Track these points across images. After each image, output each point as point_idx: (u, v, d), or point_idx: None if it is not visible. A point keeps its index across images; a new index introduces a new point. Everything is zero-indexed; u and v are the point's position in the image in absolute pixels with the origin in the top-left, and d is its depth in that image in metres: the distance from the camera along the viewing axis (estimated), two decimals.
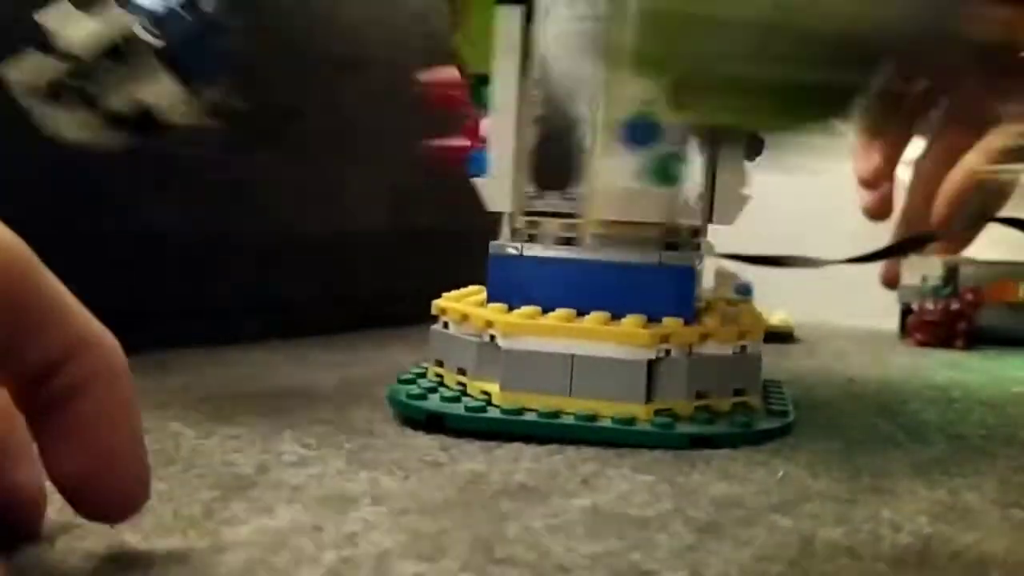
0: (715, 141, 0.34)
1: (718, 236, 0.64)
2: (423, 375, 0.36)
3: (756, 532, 0.21)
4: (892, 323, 0.63)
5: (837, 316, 0.68)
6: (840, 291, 0.69)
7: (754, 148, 0.34)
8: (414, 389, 0.33)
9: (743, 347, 0.33)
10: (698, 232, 0.36)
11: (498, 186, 0.34)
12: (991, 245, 0.63)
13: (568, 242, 0.34)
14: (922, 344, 0.59)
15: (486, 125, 0.35)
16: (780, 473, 0.26)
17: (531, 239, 0.34)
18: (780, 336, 0.59)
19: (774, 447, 0.29)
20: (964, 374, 0.46)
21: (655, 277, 0.32)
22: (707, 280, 0.38)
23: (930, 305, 0.60)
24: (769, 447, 0.29)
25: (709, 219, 0.35)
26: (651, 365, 0.31)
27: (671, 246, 0.34)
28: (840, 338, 0.60)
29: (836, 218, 0.77)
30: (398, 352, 0.47)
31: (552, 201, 0.35)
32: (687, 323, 0.32)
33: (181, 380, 0.39)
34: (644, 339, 0.30)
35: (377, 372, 0.41)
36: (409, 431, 0.31)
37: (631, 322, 0.31)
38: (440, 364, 0.35)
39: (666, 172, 0.33)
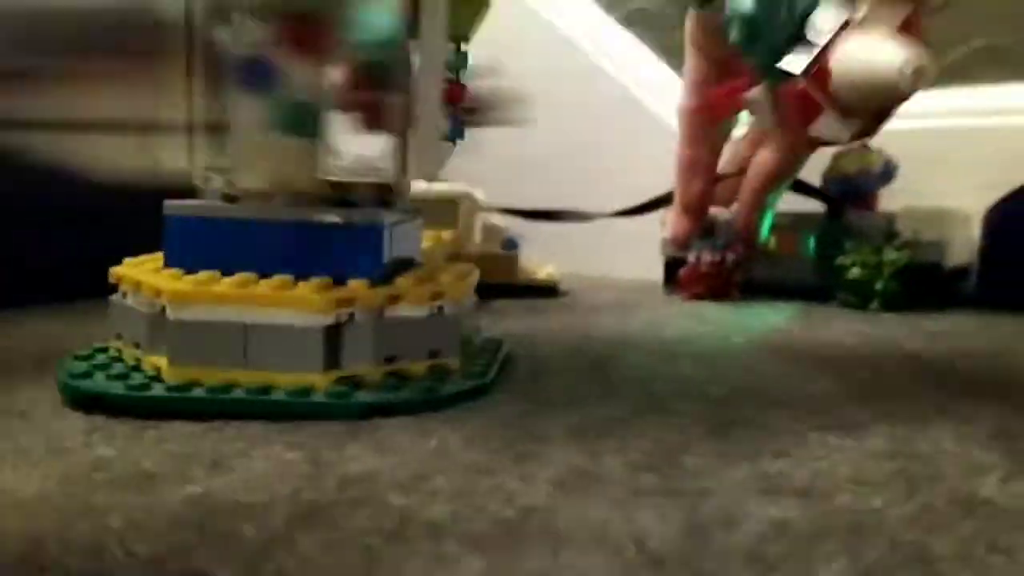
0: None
1: (492, 191, 0.63)
2: (104, 350, 0.33)
3: (358, 514, 0.19)
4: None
5: (610, 269, 0.69)
6: (612, 245, 0.69)
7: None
8: (81, 366, 0.30)
9: (440, 308, 0.31)
10: (392, 188, 0.34)
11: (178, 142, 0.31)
12: None
13: (262, 199, 0.31)
14: (698, 297, 0.60)
15: None
16: (433, 443, 0.25)
17: (226, 198, 0.32)
18: (544, 290, 0.58)
19: (455, 413, 0.28)
20: (702, 326, 0.47)
21: (341, 237, 0.31)
22: (417, 238, 0.36)
23: (707, 257, 0.61)
24: (450, 413, 0.28)
25: (407, 173, 0.33)
26: (334, 331, 0.29)
27: (345, 203, 0.32)
28: (604, 291, 0.61)
29: (606, 174, 0.78)
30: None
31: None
32: (375, 285, 0.30)
33: None
34: (319, 304, 0.29)
35: (76, 345, 0.38)
36: (69, 413, 0.28)
37: (309, 286, 0.29)
38: (120, 337, 0.32)
39: (299, 123, 0.31)
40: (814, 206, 0.60)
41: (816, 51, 0.33)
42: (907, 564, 0.17)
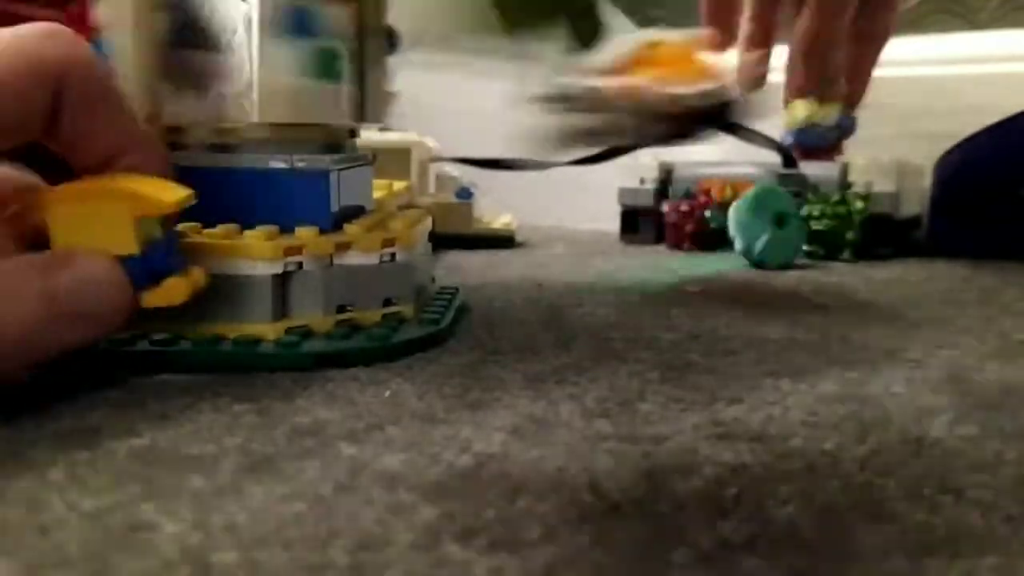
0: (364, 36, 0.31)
1: (445, 140, 0.62)
2: None
3: (307, 465, 0.19)
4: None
5: (567, 219, 0.68)
6: (569, 194, 0.69)
7: (391, 43, 0.32)
8: None
9: (392, 255, 0.31)
10: (353, 133, 0.34)
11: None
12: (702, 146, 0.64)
13: (217, 148, 0.30)
14: (679, 247, 0.59)
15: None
16: (387, 393, 0.24)
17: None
18: (500, 241, 0.58)
19: (408, 363, 0.28)
20: (658, 275, 0.47)
21: (287, 183, 0.30)
22: (368, 184, 0.35)
23: (664, 207, 0.61)
24: (403, 362, 0.28)
25: (361, 118, 0.32)
26: (283, 280, 0.29)
27: (334, 148, 0.32)
28: (561, 241, 0.60)
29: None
30: None
31: (190, 103, 0.31)
32: (323, 232, 0.29)
33: None
34: (266, 252, 0.28)
35: None
36: None
37: (255, 235, 0.28)
38: None
39: (328, 67, 0.31)
40: (770, 157, 0.60)
41: None
42: (859, 504, 0.18)
